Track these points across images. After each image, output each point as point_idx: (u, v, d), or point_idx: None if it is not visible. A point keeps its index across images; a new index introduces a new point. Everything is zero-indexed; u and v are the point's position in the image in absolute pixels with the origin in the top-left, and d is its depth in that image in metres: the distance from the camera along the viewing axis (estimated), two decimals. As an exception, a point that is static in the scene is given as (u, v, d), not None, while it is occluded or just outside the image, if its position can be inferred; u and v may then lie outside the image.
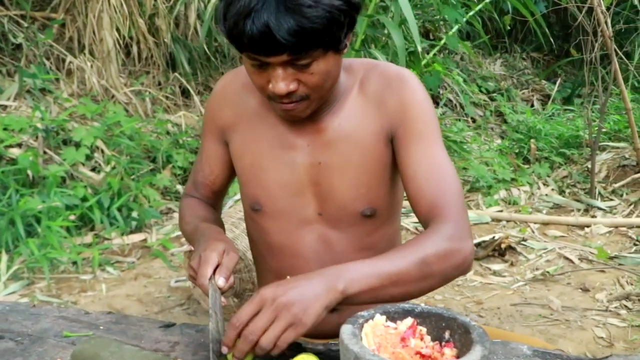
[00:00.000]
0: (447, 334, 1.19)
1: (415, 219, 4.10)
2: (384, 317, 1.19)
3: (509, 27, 5.76)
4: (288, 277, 1.24)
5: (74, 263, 3.59)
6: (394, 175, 1.54)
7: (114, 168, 4.20)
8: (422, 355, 1.15)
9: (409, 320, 1.19)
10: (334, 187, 1.52)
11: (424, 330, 1.19)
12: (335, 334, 1.60)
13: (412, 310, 1.21)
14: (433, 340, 1.19)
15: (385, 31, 5.08)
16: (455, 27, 5.66)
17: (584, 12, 4.56)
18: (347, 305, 1.25)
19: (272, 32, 1.24)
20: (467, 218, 1.41)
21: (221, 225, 1.70)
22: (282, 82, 1.33)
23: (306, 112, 1.43)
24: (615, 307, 3.21)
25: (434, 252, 1.29)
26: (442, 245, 1.31)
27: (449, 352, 1.16)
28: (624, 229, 4.17)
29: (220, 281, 1.35)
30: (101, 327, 1.51)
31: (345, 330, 1.12)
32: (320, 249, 1.58)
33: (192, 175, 1.74)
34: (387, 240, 1.62)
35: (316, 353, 1.31)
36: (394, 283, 1.24)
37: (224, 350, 1.20)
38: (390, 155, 1.51)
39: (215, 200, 1.73)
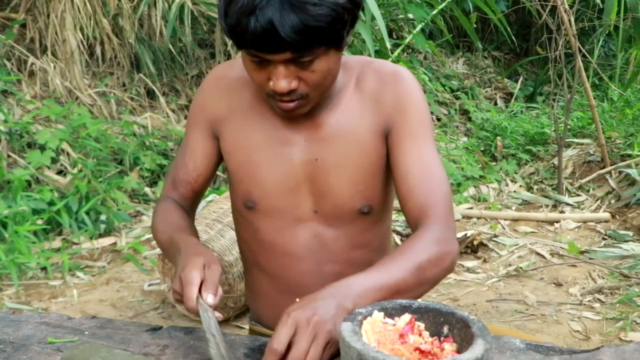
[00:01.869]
0: (445, 329, 1.18)
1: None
2: (382, 313, 1.17)
3: (474, 26, 5.80)
4: (297, 299, 1.20)
5: (43, 269, 3.52)
6: (388, 171, 1.54)
7: (80, 171, 4.12)
8: (422, 351, 1.13)
9: (406, 317, 1.18)
10: (331, 184, 1.50)
11: (422, 326, 1.18)
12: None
13: (410, 306, 1.20)
14: (432, 335, 1.18)
15: (352, 30, 5.08)
16: (420, 26, 5.69)
17: (547, 10, 4.61)
18: None
19: (276, 29, 1.21)
20: (453, 219, 1.42)
21: (194, 230, 1.63)
22: (283, 79, 1.31)
23: (305, 110, 1.41)
24: (589, 301, 3.24)
25: (427, 258, 1.30)
26: (433, 250, 1.32)
27: (449, 347, 1.14)
28: (592, 223, 4.23)
29: (209, 299, 1.27)
30: (86, 333, 1.47)
31: (346, 327, 1.10)
32: (314, 247, 1.56)
33: (171, 173, 1.65)
34: (380, 238, 1.61)
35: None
36: (394, 294, 1.24)
37: None
38: (386, 152, 1.51)
39: (193, 200, 1.66)
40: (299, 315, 1.13)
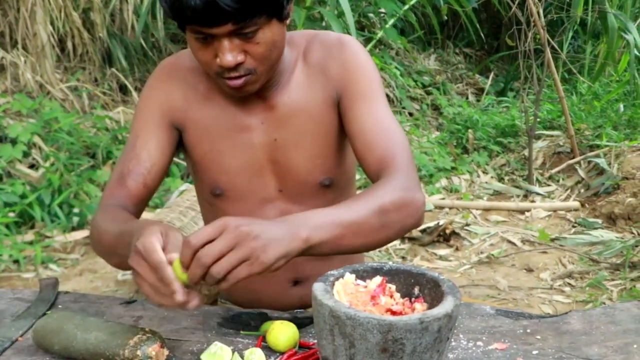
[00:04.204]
0: (416, 290, 1.20)
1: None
2: (354, 275, 1.19)
3: (445, 17, 5.85)
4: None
5: (16, 262, 3.49)
6: (343, 140, 1.55)
7: (52, 164, 4.10)
8: (393, 312, 1.15)
9: (378, 279, 1.20)
10: (292, 162, 1.51)
11: (393, 287, 1.20)
12: (299, 307, 1.61)
13: (381, 268, 1.22)
14: (403, 297, 1.20)
15: (324, 24, 5.11)
16: (392, 20, 5.73)
17: (517, 2, 4.67)
18: (309, 256, 1.20)
19: (215, 0, 1.22)
20: (415, 171, 1.41)
21: None
22: (228, 53, 1.31)
23: (255, 87, 1.40)
24: (559, 285, 3.29)
25: (390, 201, 1.28)
26: (397, 194, 1.30)
27: (420, 307, 1.17)
28: (562, 212, 4.29)
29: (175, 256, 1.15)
30: (60, 306, 1.48)
31: (318, 287, 1.11)
32: None
33: (117, 170, 1.49)
34: None
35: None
36: (354, 233, 1.23)
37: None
38: (338, 121, 1.52)
39: (141, 199, 1.49)
40: (230, 221, 1.08)
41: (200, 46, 1.33)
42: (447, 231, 3.89)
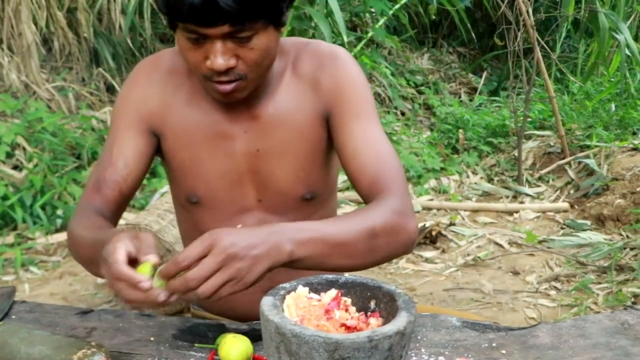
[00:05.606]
0: (372, 304, 1.16)
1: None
2: (307, 288, 1.15)
3: (433, 17, 5.81)
4: (239, 225, 1.17)
5: (-5, 264, 3.46)
6: (329, 155, 1.52)
7: (36, 166, 4.05)
8: (347, 327, 1.11)
9: (332, 292, 1.16)
10: (274, 173, 1.48)
11: (348, 301, 1.16)
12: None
13: (336, 281, 1.18)
14: (358, 310, 1.16)
15: (312, 24, 5.07)
16: (383, 20, 5.69)
17: (506, 2, 4.62)
18: (291, 268, 1.19)
19: None
20: (409, 195, 1.38)
21: None
22: (221, 56, 1.26)
23: (243, 94, 1.36)
24: (545, 289, 3.25)
25: (382, 225, 1.25)
26: (390, 218, 1.27)
27: (375, 322, 1.13)
28: (551, 213, 4.25)
29: (152, 257, 1.14)
30: (13, 317, 1.44)
31: (266, 302, 1.07)
32: None
33: (94, 176, 1.47)
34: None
35: (240, 333, 1.27)
36: (341, 253, 1.20)
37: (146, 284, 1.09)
38: (326, 136, 1.48)
39: (118, 205, 1.47)
40: (219, 240, 1.09)
41: (191, 46, 1.28)
42: (434, 233, 3.85)
